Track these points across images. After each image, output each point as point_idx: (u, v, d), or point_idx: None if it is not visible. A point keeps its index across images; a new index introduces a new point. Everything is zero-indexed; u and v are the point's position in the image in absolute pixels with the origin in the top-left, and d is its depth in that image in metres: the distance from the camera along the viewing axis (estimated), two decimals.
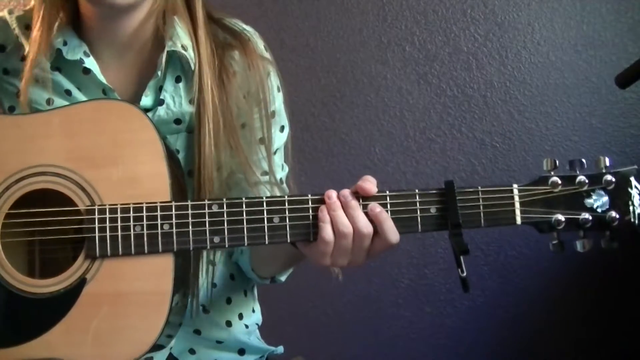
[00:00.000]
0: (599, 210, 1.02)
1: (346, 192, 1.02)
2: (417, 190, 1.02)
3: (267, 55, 1.22)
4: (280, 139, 1.24)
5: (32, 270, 1.10)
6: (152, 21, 1.15)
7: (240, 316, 1.28)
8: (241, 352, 1.27)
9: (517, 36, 2.13)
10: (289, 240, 1.02)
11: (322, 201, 1.02)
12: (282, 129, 1.24)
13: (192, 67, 1.14)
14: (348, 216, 1.00)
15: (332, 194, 1.01)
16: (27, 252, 1.09)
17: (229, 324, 1.25)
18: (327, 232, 1.00)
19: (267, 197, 1.02)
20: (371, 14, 2.16)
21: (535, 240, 2.10)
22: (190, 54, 1.14)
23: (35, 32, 1.13)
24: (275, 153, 1.24)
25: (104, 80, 1.14)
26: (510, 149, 2.13)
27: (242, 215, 1.01)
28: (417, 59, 2.15)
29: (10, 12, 1.20)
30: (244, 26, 1.23)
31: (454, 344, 2.15)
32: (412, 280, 2.15)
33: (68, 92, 1.16)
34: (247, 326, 1.28)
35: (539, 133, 2.12)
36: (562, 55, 2.12)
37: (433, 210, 1.02)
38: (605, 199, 1.02)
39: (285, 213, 1.01)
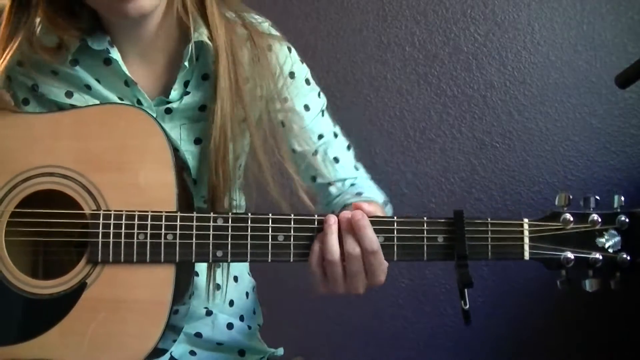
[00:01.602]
0: (610, 250, 1.00)
1: (346, 215, 1.00)
2: (425, 218, 1.01)
3: (279, 35, 1.23)
4: (321, 102, 1.26)
5: (36, 270, 1.09)
6: (174, 16, 1.13)
7: (242, 318, 1.28)
8: (241, 353, 1.27)
9: (517, 36, 2.13)
10: (292, 260, 1.01)
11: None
12: (319, 94, 1.26)
13: (211, 56, 1.13)
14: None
15: (330, 218, 0.99)
16: (31, 252, 1.08)
17: (230, 326, 1.25)
18: (314, 261, 0.99)
19: (272, 215, 1.01)
20: (371, 14, 2.16)
21: None
22: (215, 44, 1.12)
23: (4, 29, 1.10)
24: (323, 114, 1.26)
25: (127, 72, 1.12)
26: (510, 149, 2.13)
27: (247, 231, 1.00)
28: (417, 59, 2.15)
29: None
30: (258, 17, 1.23)
31: (454, 344, 2.15)
32: (412, 280, 2.15)
33: (88, 87, 1.14)
34: (249, 327, 1.28)
35: (539, 133, 2.12)
36: (562, 55, 2.12)
37: (440, 239, 1.00)
38: (618, 239, 1.00)
39: (290, 232, 1.00)
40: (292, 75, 1.21)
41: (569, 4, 2.11)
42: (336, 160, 1.25)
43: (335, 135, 1.27)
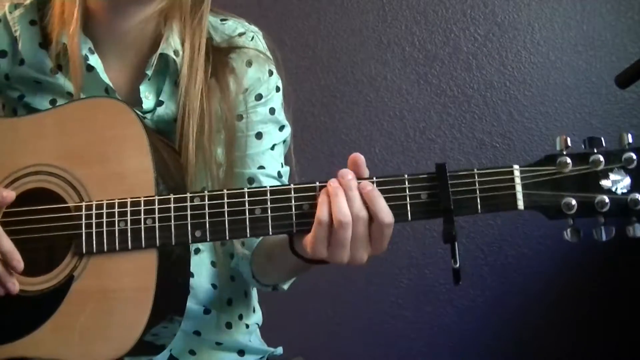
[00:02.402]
0: (618, 192, 0.88)
1: (345, 172, 0.95)
2: (406, 175, 0.95)
3: (268, 54, 1.23)
4: (279, 136, 1.24)
5: (29, 268, 1.10)
6: (155, 20, 1.15)
7: (240, 317, 1.28)
8: (241, 353, 1.27)
9: (517, 36, 2.13)
10: (270, 233, 0.99)
11: (306, 190, 0.98)
12: (281, 128, 1.24)
13: (178, 69, 1.14)
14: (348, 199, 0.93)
15: (348, 174, 0.94)
16: (23, 250, 1.09)
17: (229, 325, 1.25)
18: (324, 213, 0.93)
19: (249, 188, 1.00)
20: (371, 14, 2.16)
21: (535, 240, 2.10)
22: (180, 60, 1.14)
23: (73, 25, 1.13)
24: (273, 148, 1.23)
25: (106, 80, 1.15)
26: (510, 149, 2.13)
27: (224, 208, 0.99)
28: (417, 59, 2.15)
29: (11, 11, 1.19)
30: (249, 26, 1.23)
31: (454, 344, 2.15)
32: (412, 280, 2.15)
33: (70, 94, 1.16)
34: (247, 326, 1.29)
35: (539, 133, 2.12)
36: (562, 55, 2.12)
37: (424, 196, 0.94)
38: (627, 179, 0.88)
39: (267, 204, 0.98)
40: (258, 97, 1.20)
41: (569, 4, 2.12)
42: None
43: (280, 175, 1.23)
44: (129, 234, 1.00)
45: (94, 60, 1.14)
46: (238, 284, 1.28)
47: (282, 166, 1.25)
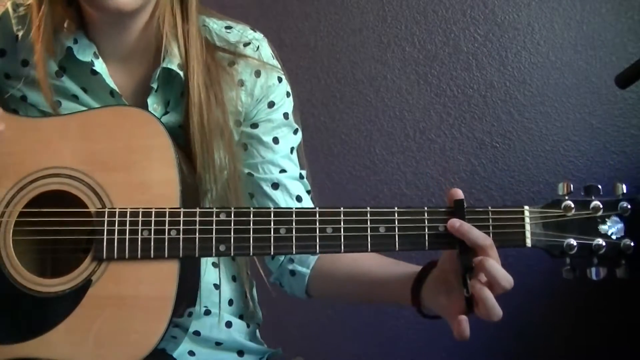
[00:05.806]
0: (613, 237, 1.00)
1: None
2: (425, 208, 1.02)
3: (274, 62, 1.23)
4: (294, 140, 1.26)
5: (43, 269, 1.10)
6: (156, 26, 1.14)
7: (241, 317, 1.28)
8: (240, 353, 1.27)
9: (517, 36, 2.13)
10: (294, 252, 1.02)
11: (330, 214, 1.01)
12: (295, 131, 1.26)
13: (182, 81, 1.14)
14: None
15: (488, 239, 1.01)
16: (39, 251, 1.10)
17: (229, 324, 1.25)
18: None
19: (275, 208, 1.03)
20: (371, 14, 2.16)
21: None
22: (184, 73, 1.14)
23: (36, 33, 1.13)
24: (292, 152, 1.25)
25: (111, 84, 1.14)
26: (510, 149, 2.13)
27: (249, 225, 1.01)
28: (417, 59, 2.15)
29: (15, 9, 1.18)
30: (254, 33, 1.23)
31: (454, 344, 2.14)
32: None
33: (75, 97, 1.16)
34: (248, 325, 1.29)
35: (539, 133, 2.12)
36: (562, 55, 2.12)
37: (441, 228, 1.01)
38: (621, 225, 1.00)
39: (292, 224, 1.01)
40: (271, 104, 1.21)
41: (569, 4, 2.12)
42: (299, 199, 1.24)
43: (301, 177, 1.26)
44: (152, 244, 1.01)
45: (99, 65, 1.14)
46: (239, 284, 1.28)
47: (301, 168, 1.27)
